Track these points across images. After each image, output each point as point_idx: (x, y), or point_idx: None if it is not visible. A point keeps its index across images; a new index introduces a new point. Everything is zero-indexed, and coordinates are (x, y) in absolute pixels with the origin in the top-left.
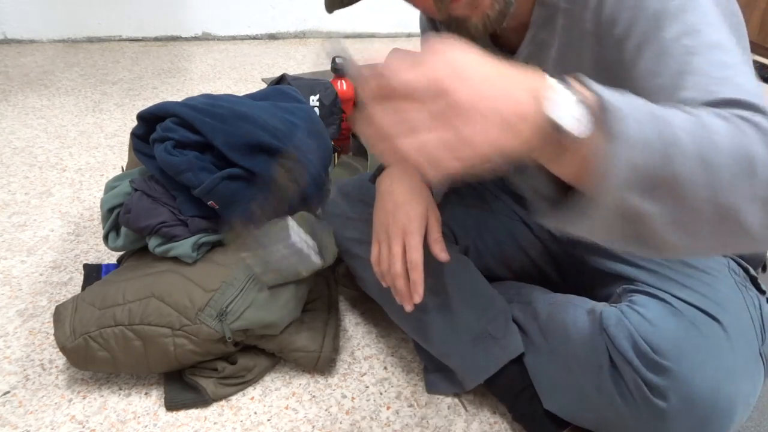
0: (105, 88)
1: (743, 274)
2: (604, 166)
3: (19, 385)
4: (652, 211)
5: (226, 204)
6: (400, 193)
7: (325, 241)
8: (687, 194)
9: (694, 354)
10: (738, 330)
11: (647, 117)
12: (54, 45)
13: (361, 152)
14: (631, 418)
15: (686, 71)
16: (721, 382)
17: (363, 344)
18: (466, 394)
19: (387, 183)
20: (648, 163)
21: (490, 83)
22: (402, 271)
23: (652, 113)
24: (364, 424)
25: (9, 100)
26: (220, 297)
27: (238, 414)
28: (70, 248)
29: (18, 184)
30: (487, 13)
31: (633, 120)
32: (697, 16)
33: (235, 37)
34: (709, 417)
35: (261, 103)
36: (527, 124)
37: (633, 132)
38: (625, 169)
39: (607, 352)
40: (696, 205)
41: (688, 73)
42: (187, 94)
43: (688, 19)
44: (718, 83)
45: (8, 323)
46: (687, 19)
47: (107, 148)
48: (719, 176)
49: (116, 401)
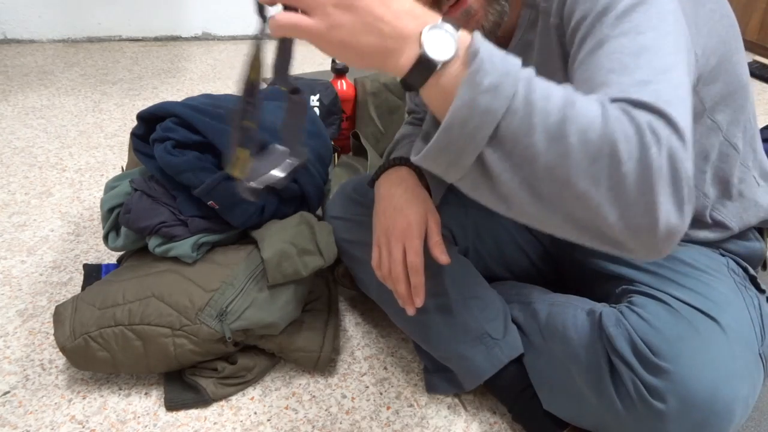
0: (105, 88)
1: (742, 273)
2: (453, 99)
3: (19, 385)
4: (495, 164)
5: (227, 204)
6: (399, 196)
7: (325, 241)
8: (531, 160)
9: (692, 355)
10: (737, 330)
11: (511, 72)
12: (54, 45)
13: (361, 152)
14: (630, 419)
15: (613, 70)
16: (719, 384)
17: (363, 344)
18: (466, 394)
19: (386, 187)
20: (490, 109)
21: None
22: (403, 275)
23: (518, 74)
24: (364, 424)
25: (9, 100)
26: (220, 297)
27: (238, 414)
28: (70, 248)
29: (18, 184)
30: (482, 24)
31: (491, 68)
32: (644, 17)
33: (235, 37)
34: (708, 418)
35: None
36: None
37: (487, 78)
38: (468, 107)
39: (606, 353)
40: (540, 175)
41: (614, 72)
42: (187, 94)
43: (635, 18)
44: (638, 86)
45: (8, 323)
46: (633, 18)
47: (107, 148)
48: (569, 156)
49: (116, 401)
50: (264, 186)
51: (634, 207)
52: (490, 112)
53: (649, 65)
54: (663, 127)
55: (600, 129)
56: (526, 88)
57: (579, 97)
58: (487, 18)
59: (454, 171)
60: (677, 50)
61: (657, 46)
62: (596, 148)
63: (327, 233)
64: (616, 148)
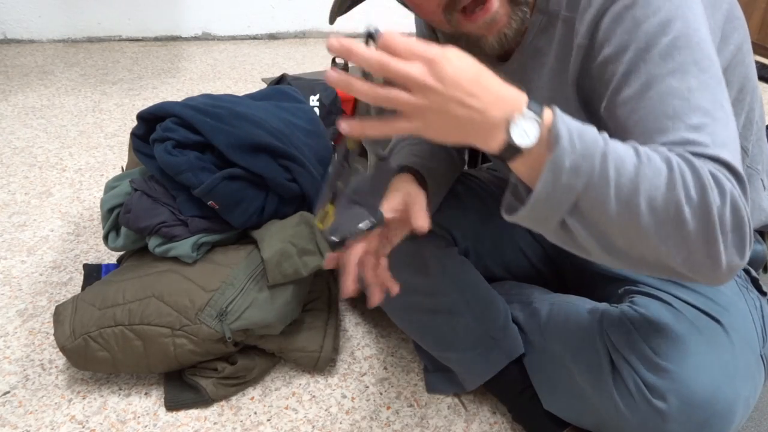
0: (105, 88)
1: (744, 275)
2: (539, 174)
3: (19, 385)
4: (574, 227)
5: (226, 204)
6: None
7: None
8: (605, 224)
9: (694, 355)
10: (739, 331)
11: (589, 151)
12: (54, 45)
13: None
14: (631, 418)
15: (667, 115)
16: (721, 384)
17: (363, 344)
18: (466, 394)
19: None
20: (573, 178)
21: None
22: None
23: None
24: (364, 424)
25: (9, 100)
26: (220, 297)
27: (238, 414)
28: (70, 248)
29: (18, 184)
30: (505, 31)
31: (572, 149)
32: (687, 51)
33: (235, 37)
34: (709, 418)
35: (261, 103)
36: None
37: (568, 160)
38: (552, 186)
39: (608, 353)
40: (613, 234)
41: (669, 118)
42: (187, 94)
43: (678, 56)
44: (695, 132)
45: (8, 323)
46: (676, 56)
47: (107, 148)
48: (639, 221)
49: (116, 401)
50: (340, 239)
51: (699, 255)
52: (570, 189)
53: (700, 107)
54: (725, 178)
55: (666, 194)
56: (602, 164)
57: (646, 162)
58: (510, 25)
59: (540, 229)
60: (718, 80)
61: (703, 83)
62: (663, 213)
63: None
64: (681, 211)
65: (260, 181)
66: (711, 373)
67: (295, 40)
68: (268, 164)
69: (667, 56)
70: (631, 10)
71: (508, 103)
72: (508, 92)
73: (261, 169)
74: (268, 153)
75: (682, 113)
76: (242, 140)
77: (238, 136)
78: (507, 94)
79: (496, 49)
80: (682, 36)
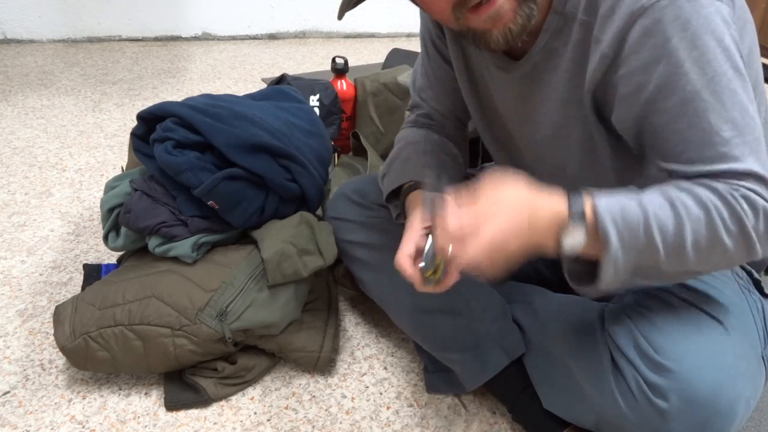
0: (105, 88)
1: (747, 277)
2: (600, 272)
3: (19, 385)
4: (639, 279)
5: (226, 204)
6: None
7: (325, 241)
8: (659, 274)
9: (696, 354)
10: (740, 332)
11: (634, 233)
12: (54, 45)
13: (361, 152)
14: (632, 418)
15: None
16: (722, 383)
17: (363, 344)
18: (466, 394)
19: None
20: (629, 260)
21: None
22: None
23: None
24: (364, 424)
25: (9, 100)
26: (220, 297)
27: (238, 414)
28: (70, 248)
29: (18, 184)
30: (510, 26)
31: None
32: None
33: (235, 37)
34: (710, 417)
35: (261, 103)
36: (546, 248)
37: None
38: (613, 267)
39: (609, 351)
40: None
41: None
42: (187, 94)
43: (708, 70)
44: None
45: (8, 323)
46: (707, 71)
47: (107, 148)
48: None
49: (116, 401)
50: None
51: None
52: (627, 267)
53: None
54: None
55: (708, 235)
56: (648, 234)
57: (684, 215)
58: (516, 21)
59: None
60: (744, 85)
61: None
62: (708, 250)
63: (327, 233)
64: (724, 243)
65: (260, 181)
66: (713, 372)
67: (295, 40)
68: (268, 164)
69: (699, 69)
70: (661, 25)
71: (552, 225)
72: (548, 213)
73: (261, 169)
74: (268, 153)
75: (716, 126)
76: (242, 140)
77: (238, 136)
78: (548, 217)
79: (501, 44)
80: (710, 49)
